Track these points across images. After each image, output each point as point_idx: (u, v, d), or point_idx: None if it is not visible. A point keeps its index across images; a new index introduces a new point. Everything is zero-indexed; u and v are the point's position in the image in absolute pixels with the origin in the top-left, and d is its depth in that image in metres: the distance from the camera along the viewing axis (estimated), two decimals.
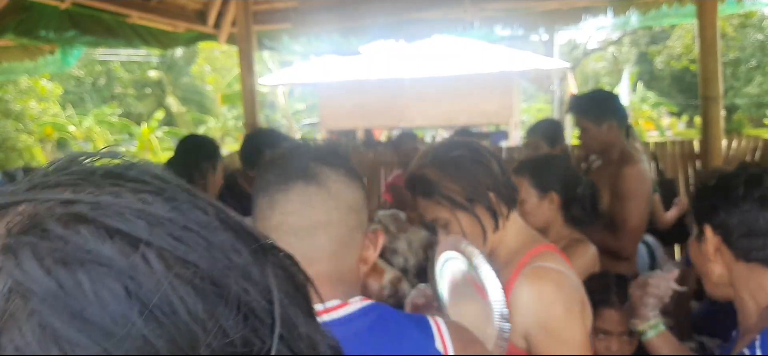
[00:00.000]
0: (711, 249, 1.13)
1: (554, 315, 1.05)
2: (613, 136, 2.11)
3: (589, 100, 2.22)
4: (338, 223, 0.76)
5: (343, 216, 0.76)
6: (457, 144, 1.21)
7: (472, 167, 1.13)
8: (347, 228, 0.77)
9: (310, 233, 0.74)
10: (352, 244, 0.78)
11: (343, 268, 0.77)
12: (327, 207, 0.75)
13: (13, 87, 12.12)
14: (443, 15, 4.80)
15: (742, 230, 1.06)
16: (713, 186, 1.14)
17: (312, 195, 0.75)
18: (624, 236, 2.04)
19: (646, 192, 2.12)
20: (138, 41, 4.63)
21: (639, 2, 4.43)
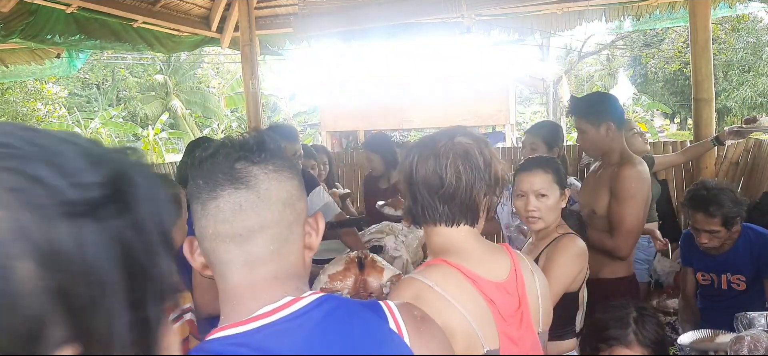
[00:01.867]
0: None
1: None
2: (611, 138, 2.13)
3: (588, 102, 2.24)
4: (273, 224, 0.73)
5: (278, 215, 0.74)
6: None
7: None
8: (284, 226, 0.75)
9: (247, 239, 0.72)
10: (292, 239, 0.76)
11: (289, 264, 0.76)
12: (258, 210, 0.72)
13: (20, 90, 12.11)
14: (441, 20, 4.89)
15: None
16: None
17: (241, 202, 0.72)
18: (620, 236, 2.05)
19: (645, 193, 2.10)
20: (143, 45, 4.69)
21: (632, 7, 4.53)
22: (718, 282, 2.32)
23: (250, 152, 0.74)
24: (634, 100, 17.05)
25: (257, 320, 0.71)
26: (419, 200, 1.13)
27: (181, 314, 1.40)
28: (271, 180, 0.74)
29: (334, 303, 0.74)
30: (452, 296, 1.06)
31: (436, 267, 1.11)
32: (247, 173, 0.73)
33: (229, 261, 0.74)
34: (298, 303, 0.72)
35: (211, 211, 0.73)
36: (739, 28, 17.65)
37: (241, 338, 0.70)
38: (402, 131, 11.22)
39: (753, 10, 13.22)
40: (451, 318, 1.04)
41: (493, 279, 1.12)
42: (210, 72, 21.16)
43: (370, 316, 0.75)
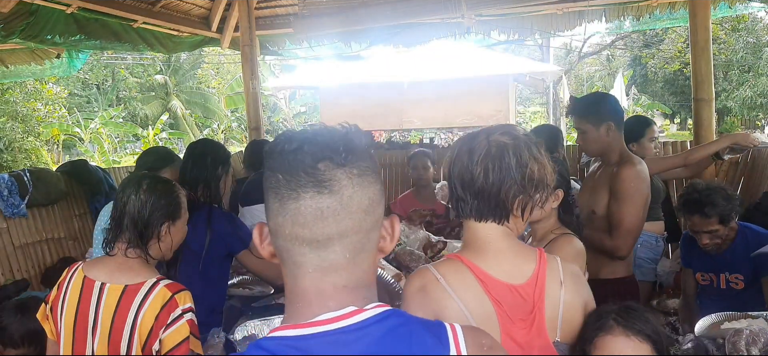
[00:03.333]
0: None
1: (402, 309, 1.13)
2: (611, 138, 2.12)
3: (588, 103, 2.24)
4: (353, 232, 0.71)
5: (358, 223, 0.71)
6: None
7: None
8: (363, 233, 0.72)
9: (324, 246, 0.70)
10: (368, 247, 0.74)
11: (361, 272, 0.73)
12: (340, 218, 0.70)
13: (20, 90, 12.13)
14: (441, 20, 4.90)
15: None
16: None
17: (323, 208, 0.69)
18: (620, 236, 2.05)
19: (644, 193, 2.09)
20: (143, 45, 4.69)
21: (632, 7, 4.53)
22: (717, 282, 2.32)
23: (335, 153, 0.70)
24: (634, 100, 17.07)
25: (316, 325, 0.70)
26: (454, 194, 1.18)
27: (181, 314, 1.40)
28: (355, 186, 0.71)
29: (397, 321, 0.72)
30: (455, 291, 1.11)
31: (450, 262, 1.17)
32: (332, 176, 0.70)
33: (303, 264, 0.72)
34: (360, 315, 0.70)
35: (291, 212, 0.70)
36: (739, 28, 17.66)
37: (297, 341, 0.69)
38: (402, 131, 11.23)
39: (753, 10, 13.22)
40: (448, 311, 1.09)
41: (506, 280, 1.14)
42: (210, 72, 21.18)
43: (431, 341, 0.72)
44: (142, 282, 1.42)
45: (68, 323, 1.43)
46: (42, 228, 3.99)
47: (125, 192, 1.49)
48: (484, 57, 10.33)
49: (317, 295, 0.72)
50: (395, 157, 5.11)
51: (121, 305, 1.40)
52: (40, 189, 3.92)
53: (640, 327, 1.19)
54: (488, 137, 1.16)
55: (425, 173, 3.58)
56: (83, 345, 1.42)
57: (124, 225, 1.46)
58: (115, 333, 1.39)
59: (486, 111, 10.63)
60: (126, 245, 1.46)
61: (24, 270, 3.78)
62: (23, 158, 11.69)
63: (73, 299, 1.44)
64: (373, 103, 10.50)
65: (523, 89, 17.54)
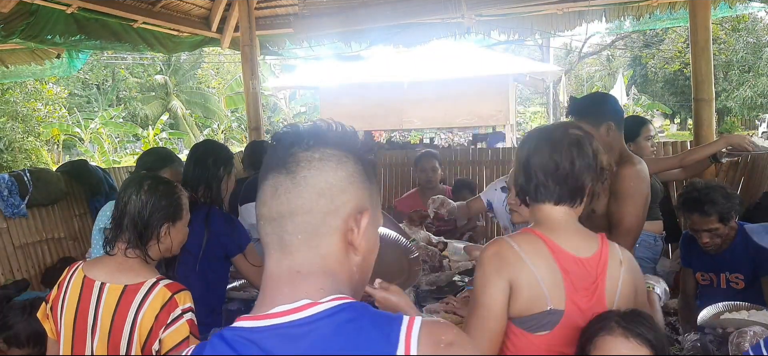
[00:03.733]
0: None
1: (476, 272, 1.34)
2: (611, 138, 2.11)
3: (588, 103, 2.23)
4: (302, 212, 0.73)
5: (309, 203, 0.73)
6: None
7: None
8: (316, 215, 0.73)
9: (279, 223, 0.74)
10: (324, 232, 0.74)
11: (318, 259, 0.74)
12: (290, 196, 0.73)
13: (21, 90, 12.13)
14: (441, 20, 4.90)
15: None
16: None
17: (278, 185, 0.74)
18: (619, 235, 2.01)
19: (644, 192, 2.12)
20: (143, 45, 4.69)
21: (633, 7, 4.53)
22: (718, 282, 2.32)
23: (301, 139, 0.75)
24: (634, 100, 17.06)
25: (270, 318, 0.71)
26: (534, 180, 1.32)
27: (181, 314, 1.40)
28: (312, 168, 0.74)
29: (349, 316, 0.71)
30: (527, 257, 1.26)
31: (524, 234, 1.33)
32: (293, 159, 0.74)
33: (268, 245, 0.76)
34: (313, 309, 0.70)
35: (260, 193, 0.77)
36: (739, 28, 17.66)
37: (251, 332, 0.71)
38: (402, 131, 11.22)
39: (753, 10, 13.22)
40: (521, 275, 1.26)
41: (574, 253, 1.29)
42: (210, 72, 21.18)
43: (379, 340, 0.70)
44: (141, 282, 1.42)
45: (68, 322, 1.43)
46: (42, 228, 3.99)
47: (126, 193, 1.49)
48: (484, 57, 10.33)
49: (276, 280, 0.74)
50: (395, 157, 5.10)
51: (121, 305, 1.40)
52: (40, 189, 3.92)
53: (641, 331, 1.21)
54: (566, 130, 1.34)
55: (433, 175, 3.50)
56: (83, 344, 1.42)
57: (124, 225, 1.46)
58: (115, 332, 1.39)
59: (486, 111, 10.63)
60: (126, 245, 1.46)
61: (24, 270, 3.78)
62: (23, 158, 11.69)
63: (73, 298, 1.44)
64: (373, 103, 10.50)
65: (523, 89, 17.54)
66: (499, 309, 1.25)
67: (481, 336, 1.25)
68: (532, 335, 1.27)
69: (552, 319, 1.26)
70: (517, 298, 1.25)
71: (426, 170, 3.50)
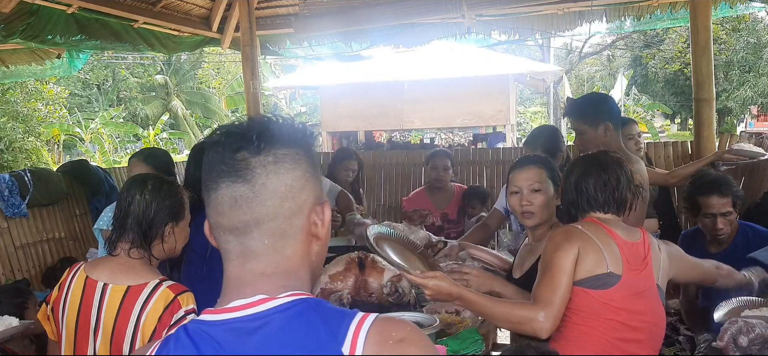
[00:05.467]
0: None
1: (548, 245, 1.62)
2: (609, 138, 2.13)
3: (585, 104, 2.26)
4: (268, 219, 0.73)
5: (273, 209, 0.73)
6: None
7: None
8: (283, 219, 0.73)
9: (242, 232, 0.73)
10: (290, 232, 0.74)
11: (283, 259, 0.74)
12: (253, 205, 0.72)
13: (21, 90, 12.13)
14: (441, 20, 4.90)
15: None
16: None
17: (237, 196, 0.72)
18: None
19: (642, 192, 2.13)
20: (143, 45, 4.69)
21: (633, 7, 4.53)
22: None
23: (249, 142, 0.73)
24: (635, 101, 17.06)
25: (227, 312, 0.73)
26: (585, 194, 1.64)
27: (184, 315, 1.41)
28: (269, 173, 0.73)
29: (300, 311, 0.71)
30: (591, 233, 1.57)
31: (586, 222, 1.63)
32: (246, 165, 0.72)
33: (228, 252, 0.76)
34: (266, 304, 0.71)
35: (213, 202, 0.75)
36: (740, 28, 17.66)
37: (208, 325, 0.72)
38: (402, 131, 11.22)
39: (753, 11, 13.22)
40: (587, 244, 1.55)
41: (627, 239, 1.60)
42: (210, 72, 21.18)
43: (325, 337, 0.70)
44: (145, 283, 1.42)
45: (70, 323, 1.43)
46: (42, 228, 3.99)
47: (129, 193, 1.49)
48: (485, 57, 10.32)
49: (237, 282, 0.75)
50: (398, 157, 5.10)
51: (124, 306, 1.40)
52: (41, 189, 3.92)
53: None
54: (608, 155, 1.70)
55: (445, 174, 3.48)
56: (85, 345, 1.42)
57: (127, 226, 1.46)
58: (118, 333, 1.39)
59: (486, 111, 10.62)
60: (129, 245, 1.46)
61: (24, 270, 3.78)
62: (24, 158, 11.68)
63: (74, 299, 1.44)
64: (373, 103, 10.49)
65: (524, 89, 17.54)
66: (569, 269, 1.52)
67: (553, 293, 1.51)
68: (593, 291, 1.54)
69: (610, 281, 1.53)
70: (582, 263, 1.53)
71: (438, 168, 3.49)
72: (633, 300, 1.55)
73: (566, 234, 1.59)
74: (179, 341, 0.73)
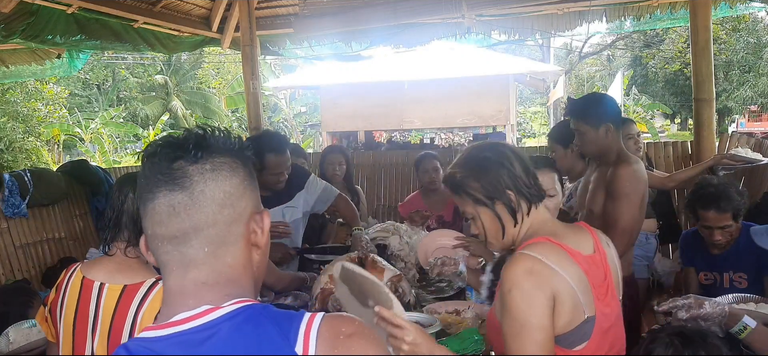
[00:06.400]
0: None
1: (512, 294, 1.17)
2: (610, 139, 2.13)
3: (586, 104, 2.25)
4: (208, 226, 0.72)
5: (212, 216, 0.72)
6: (485, 147, 1.35)
7: (494, 168, 1.28)
8: (221, 226, 0.73)
9: (181, 241, 0.72)
10: (231, 239, 0.74)
11: (225, 267, 0.74)
12: (191, 212, 0.72)
13: (21, 90, 12.13)
14: (441, 20, 4.89)
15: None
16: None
17: (175, 204, 0.71)
18: (615, 235, 1.96)
19: (640, 192, 2.10)
20: (144, 45, 4.69)
21: (633, 7, 4.53)
22: (721, 281, 2.32)
23: (186, 152, 0.73)
24: (635, 101, 17.06)
25: (171, 326, 0.71)
26: (524, 186, 1.28)
27: None
28: (207, 181, 0.73)
29: (247, 317, 0.71)
30: (559, 267, 1.18)
31: (539, 243, 1.23)
32: (183, 174, 0.72)
33: (167, 263, 0.74)
34: (214, 314, 0.71)
35: (149, 212, 0.73)
36: (740, 28, 17.65)
37: (152, 342, 0.71)
38: (402, 131, 11.22)
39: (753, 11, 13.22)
40: (560, 287, 1.17)
41: (584, 252, 1.25)
42: (210, 72, 21.18)
43: (277, 339, 0.70)
44: (141, 282, 1.42)
45: (68, 324, 1.43)
46: (42, 228, 3.99)
47: (123, 191, 1.48)
48: (485, 57, 10.32)
49: (179, 294, 0.73)
50: (397, 157, 5.10)
51: (121, 305, 1.40)
52: (41, 189, 3.92)
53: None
54: (492, 144, 1.35)
55: (436, 175, 3.45)
56: (83, 345, 1.42)
57: (123, 224, 1.45)
58: (115, 333, 1.39)
59: (486, 111, 10.63)
60: (125, 244, 1.45)
61: (24, 270, 3.78)
62: (24, 158, 11.68)
63: (72, 300, 1.43)
64: (373, 103, 10.50)
65: (524, 89, 17.54)
66: (550, 327, 1.15)
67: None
68: (573, 351, 1.19)
69: (588, 329, 1.19)
70: (560, 313, 1.17)
71: (428, 171, 3.47)
72: (603, 342, 1.22)
73: (532, 276, 1.17)
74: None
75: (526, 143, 18.35)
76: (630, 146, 2.99)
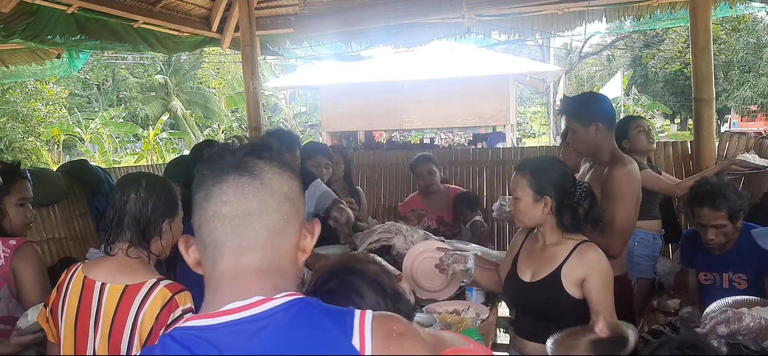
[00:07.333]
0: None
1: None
2: (600, 138, 2.14)
3: (578, 103, 2.25)
4: (272, 212, 0.76)
5: (277, 205, 0.77)
6: None
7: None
8: (281, 217, 0.77)
9: (244, 221, 0.75)
10: (287, 233, 0.78)
11: (277, 258, 0.77)
12: (260, 195, 0.76)
13: (21, 90, 12.13)
14: (441, 20, 4.89)
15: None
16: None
17: (245, 185, 0.76)
18: (612, 235, 2.05)
19: (635, 192, 2.11)
20: (143, 45, 4.68)
21: (633, 7, 4.53)
22: (720, 282, 2.32)
23: (257, 148, 0.79)
24: (635, 101, 17.07)
25: (224, 315, 0.72)
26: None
27: (181, 314, 1.40)
28: (275, 174, 0.78)
29: (303, 309, 0.73)
30: None
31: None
32: (254, 164, 0.77)
33: (223, 245, 0.75)
34: (267, 304, 0.72)
35: (215, 193, 0.76)
36: (740, 28, 17.66)
37: (204, 331, 0.71)
38: (402, 131, 11.23)
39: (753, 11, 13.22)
40: None
41: None
42: (210, 72, 21.19)
43: (334, 329, 0.73)
44: (142, 283, 1.42)
45: (69, 324, 1.43)
46: (42, 228, 3.99)
47: (125, 192, 1.48)
48: (484, 57, 10.33)
49: (232, 279, 0.75)
50: (397, 157, 5.10)
51: (122, 305, 1.40)
52: (41, 189, 3.90)
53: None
54: None
55: (431, 178, 3.42)
56: (84, 345, 1.42)
57: (124, 225, 1.46)
58: (116, 333, 1.39)
59: (486, 111, 10.63)
60: (127, 244, 1.46)
61: None
62: (24, 158, 11.69)
63: (73, 300, 1.43)
64: (373, 103, 10.50)
65: (524, 89, 17.54)
66: None
67: None
68: None
69: None
70: None
71: (423, 174, 3.45)
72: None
73: None
74: (167, 349, 0.71)
75: (526, 143, 18.35)
76: (642, 139, 3.00)
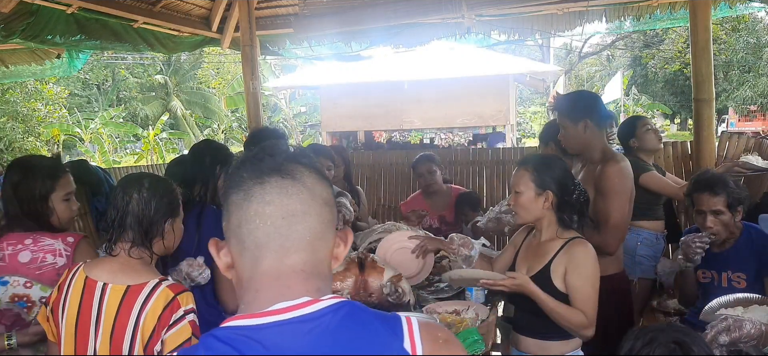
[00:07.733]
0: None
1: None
2: (589, 134, 2.16)
3: (568, 100, 2.28)
4: (313, 215, 0.77)
5: (318, 208, 0.78)
6: None
7: None
8: (321, 221, 0.78)
9: (288, 222, 0.75)
10: (326, 238, 0.79)
11: (317, 261, 0.77)
12: (303, 197, 0.76)
13: (21, 90, 12.14)
14: (441, 20, 4.89)
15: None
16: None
17: (288, 187, 0.76)
18: (607, 232, 2.08)
19: (628, 188, 2.14)
20: (143, 45, 4.69)
21: (633, 7, 4.53)
22: (719, 280, 2.32)
23: (297, 156, 0.80)
24: (635, 101, 17.07)
25: (272, 315, 0.72)
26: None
27: (183, 315, 1.41)
28: (315, 180, 0.79)
29: (352, 311, 0.74)
30: None
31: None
32: (294, 168, 0.78)
33: (265, 245, 0.75)
34: (315, 305, 0.72)
35: (257, 193, 0.76)
36: (740, 28, 17.68)
37: (252, 331, 0.71)
38: (402, 131, 11.23)
39: (753, 11, 13.23)
40: None
41: None
42: (210, 72, 21.20)
43: (384, 332, 0.74)
44: (144, 283, 1.42)
45: (70, 324, 1.43)
46: None
47: (127, 192, 1.49)
48: (484, 57, 10.33)
49: (275, 279, 0.74)
50: (397, 157, 5.11)
51: (124, 305, 1.40)
52: None
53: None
54: None
55: (431, 177, 3.41)
56: (85, 345, 1.42)
57: (127, 225, 1.46)
58: (118, 333, 1.39)
59: (486, 111, 10.64)
60: (129, 245, 1.46)
61: None
62: None
63: (74, 300, 1.43)
64: (373, 103, 10.51)
65: (524, 89, 17.54)
66: None
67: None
68: None
69: None
70: None
71: (423, 174, 3.44)
72: None
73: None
74: (211, 348, 0.70)
75: (525, 143, 18.37)
76: (651, 137, 3.03)
